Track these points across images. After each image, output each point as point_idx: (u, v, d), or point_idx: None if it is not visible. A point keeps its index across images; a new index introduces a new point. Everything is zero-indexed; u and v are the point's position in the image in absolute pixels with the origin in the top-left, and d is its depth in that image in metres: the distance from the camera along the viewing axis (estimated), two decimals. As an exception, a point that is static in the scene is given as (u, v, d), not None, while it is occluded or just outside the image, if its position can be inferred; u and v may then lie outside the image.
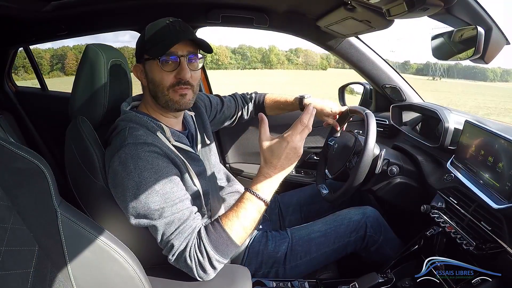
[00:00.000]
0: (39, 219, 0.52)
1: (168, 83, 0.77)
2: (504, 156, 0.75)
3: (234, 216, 0.71)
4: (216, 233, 0.70)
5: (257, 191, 0.72)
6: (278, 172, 0.72)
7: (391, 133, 1.39)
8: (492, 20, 0.70)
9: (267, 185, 0.72)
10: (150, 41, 0.78)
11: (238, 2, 1.33)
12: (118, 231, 0.65)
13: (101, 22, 1.42)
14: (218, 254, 0.69)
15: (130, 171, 0.69)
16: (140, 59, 0.81)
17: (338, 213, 1.05)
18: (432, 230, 0.91)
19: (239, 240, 0.72)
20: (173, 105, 0.79)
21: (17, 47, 1.69)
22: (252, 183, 0.73)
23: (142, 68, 0.81)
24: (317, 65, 75.03)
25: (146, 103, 0.85)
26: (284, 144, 0.69)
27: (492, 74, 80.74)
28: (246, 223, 0.72)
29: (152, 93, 0.81)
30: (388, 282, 0.88)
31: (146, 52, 0.78)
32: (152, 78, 0.78)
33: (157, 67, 0.77)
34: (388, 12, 0.80)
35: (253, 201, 0.72)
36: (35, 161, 0.51)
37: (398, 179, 1.04)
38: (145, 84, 0.82)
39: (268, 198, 0.73)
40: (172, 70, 0.77)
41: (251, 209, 0.71)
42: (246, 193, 0.73)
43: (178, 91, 0.78)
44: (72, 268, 0.54)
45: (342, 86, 1.69)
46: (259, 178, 0.72)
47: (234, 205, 0.73)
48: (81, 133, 0.77)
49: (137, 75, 0.83)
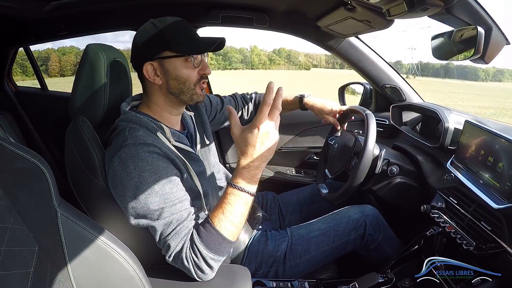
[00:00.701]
0: (39, 219, 0.52)
1: (195, 78, 0.80)
2: (504, 156, 0.75)
3: (220, 213, 0.70)
4: (206, 232, 0.69)
5: (238, 184, 0.70)
6: (258, 161, 0.70)
7: (391, 133, 1.39)
8: (492, 20, 0.70)
9: (248, 176, 0.70)
10: (173, 37, 0.76)
11: (238, 2, 1.33)
12: (118, 231, 0.65)
13: (101, 22, 1.42)
14: (211, 252, 0.69)
15: (130, 171, 0.69)
16: (152, 56, 0.77)
17: (338, 212, 1.05)
18: (432, 230, 0.91)
19: (231, 235, 0.71)
20: (197, 98, 0.83)
21: (17, 47, 1.69)
22: (233, 177, 0.72)
23: (157, 65, 0.78)
24: (301, 65, 75.72)
25: (149, 103, 0.83)
26: (255, 131, 0.67)
27: (484, 74, 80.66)
28: (234, 218, 0.71)
29: (174, 90, 0.80)
30: (388, 282, 0.88)
31: (170, 49, 0.76)
32: (178, 74, 0.78)
33: (184, 63, 0.78)
34: (388, 12, 0.80)
35: (236, 195, 0.70)
36: (35, 161, 0.51)
37: (398, 179, 1.04)
38: (161, 82, 0.79)
39: (252, 189, 0.71)
40: (197, 66, 0.80)
41: (236, 203, 0.70)
42: (228, 188, 0.71)
43: (202, 86, 0.82)
44: (72, 268, 0.54)
45: (342, 86, 1.69)
46: (239, 171, 0.70)
47: (220, 201, 0.72)
48: (81, 133, 0.77)
49: (149, 74, 0.78)
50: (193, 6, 1.35)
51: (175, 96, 0.81)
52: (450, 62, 1.38)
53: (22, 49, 1.73)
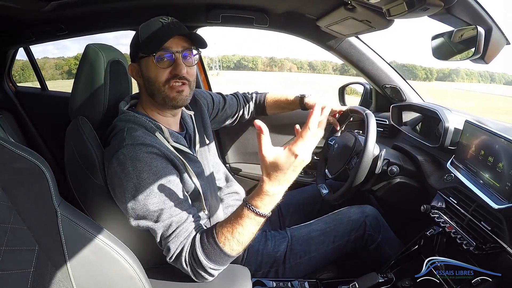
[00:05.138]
0: (39, 219, 0.52)
1: (164, 78, 0.77)
2: (504, 156, 0.75)
3: (228, 232, 0.67)
4: (210, 246, 0.68)
5: (257, 209, 0.65)
6: (284, 187, 0.65)
7: (391, 133, 1.39)
8: (492, 20, 0.70)
9: (269, 201, 0.65)
10: (144, 39, 0.78)
11: (238, 2, 1.33)
12: (118, 231, 0.65)
13: (101, 22, 1.42)
14: (212, 263, 0.68)
15: (129, 172, 0.68)
16: (135, 58, 0.81)
17: (338, 212, 1.05)
18: (432, 230, 0.91)
19: (236, 252, 0.69)
20: (170, 101, 0.79)
21: (17, 47, 1.69)
22: (251, 197, 0.66)
23: (137, 67, 0.81)
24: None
25: (143, 103, 0.84)
26: (291, 158, 0.60)
27: (424, 73, 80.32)
28: (243, 238, 0.67)
29: (148, 91, 0.80)
30: (388, 282, 0.88)
31: (141, 50, 0.78)
32: (148, 75, 0.78)
33: (152, 64, 0.76)
34: (388, 12, 0.80)
35: (251, 218, 0.66)
36: (35, 161, 0.51)
37: (398, 179, 1.04)
38: (141, 83, 0.82)
39: (269, 211, 0.67)
40: (167, 66, 0.77)
41: (249, 226, 0.66)
42: (244, 209, 0.66)
43: (175, 87, 0.78)
44: (72, 268, 0.54)
45: (342, 86, 1.69)
46: (261, 196, 0.65)
47: (231, 219, 0.68)
48: (81, 133, 0.77)
49: (132, 74, 0.83)
50: (193, 6, 1.35)
51: (152, 98, 0.81)
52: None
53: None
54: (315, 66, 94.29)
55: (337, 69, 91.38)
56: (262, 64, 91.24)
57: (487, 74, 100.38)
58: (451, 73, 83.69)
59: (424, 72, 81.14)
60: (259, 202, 0.65)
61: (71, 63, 23.10)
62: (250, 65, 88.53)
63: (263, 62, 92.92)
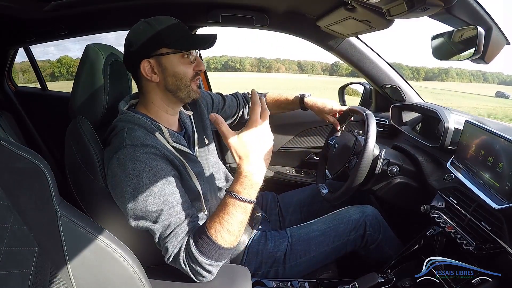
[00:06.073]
0: (39, 219, 0.52)
1: (191, 75, 0.81)
2: (504, 156, 0.75)
3: (217, 223, 0.68)
4: (202, 241, 0.68)
5: (239, 194, 0.67)
6: (259, 165, 0.67)
7: (391, 133, 1.39)
8: (492, 20, 0.70)
9: (249, 184, 0.67)
10: (169, 34, 0.76)
11: (238, 2, 1.33)
12: (118, 231, 0.65)
13: (101, 22, 1.42)
14: (208, 259, 0.69)
15: (129, 173, 0.68)
16: (150, 54, 0.77)
17: (338, 212, 1.05)
18: (432, 230, 0.91)
19: (230, 244, 0.70)
20: (193, 95, 0.83)
21: (17, 47, 1.69)
22: (232, 184, 0.69)
23: (155, 63, 0.77)
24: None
25: (145, 102, 0.83)
26: (253, 131, 0.67)
27: (411, 72, 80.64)
28: (233, 227, 0.68)
29: (171, 87, 0.79)
30: (388, 282, 0.88)
31: (167, 46, 0.76)
32: (175, 71, 0.78)
33: (181, 60, 0.78)
34: (388, 12, 0.80)
35: (236, 205, 0.67)
36: (35, 161, 0.51)
37: (398, 179, 1.04)
38: (159, 79, 0.79)
39: (253, 197, 0.68)
40: (192, 63, 0.81)
41: (235, 213, 0.68)
42: (227, 197, 0.68)
43: (196, 82, 0.83)
44: (72, 268, 0.54)
45: (342, 86, 1.69)
46: (240, 180, 0.67)
47: (218, 210, 0.69)
48: (81, 133, 0.77)
49: (145, 71, 0.78)
50: (193, 6, 1.35)
51: (172, 94, 0.81)
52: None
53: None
54: (304, 66, 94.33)
55: (326, 69, 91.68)
56: (250, 65, 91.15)
57: (479, 74, 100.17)
58: (441, 73, 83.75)
59: (410, 71, 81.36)
60: (239, 187, 0.68)
61: (54, 65, 23.08)
62: (237, 65, 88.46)
63: (251, 63, 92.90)
